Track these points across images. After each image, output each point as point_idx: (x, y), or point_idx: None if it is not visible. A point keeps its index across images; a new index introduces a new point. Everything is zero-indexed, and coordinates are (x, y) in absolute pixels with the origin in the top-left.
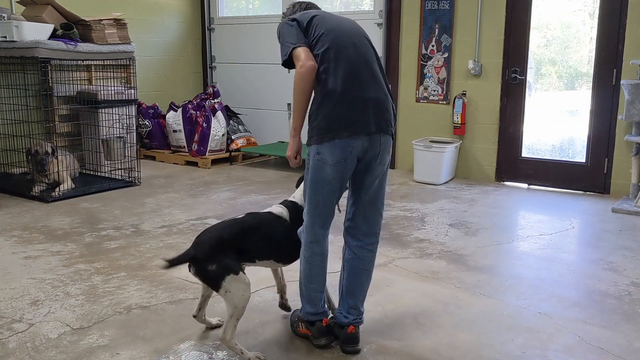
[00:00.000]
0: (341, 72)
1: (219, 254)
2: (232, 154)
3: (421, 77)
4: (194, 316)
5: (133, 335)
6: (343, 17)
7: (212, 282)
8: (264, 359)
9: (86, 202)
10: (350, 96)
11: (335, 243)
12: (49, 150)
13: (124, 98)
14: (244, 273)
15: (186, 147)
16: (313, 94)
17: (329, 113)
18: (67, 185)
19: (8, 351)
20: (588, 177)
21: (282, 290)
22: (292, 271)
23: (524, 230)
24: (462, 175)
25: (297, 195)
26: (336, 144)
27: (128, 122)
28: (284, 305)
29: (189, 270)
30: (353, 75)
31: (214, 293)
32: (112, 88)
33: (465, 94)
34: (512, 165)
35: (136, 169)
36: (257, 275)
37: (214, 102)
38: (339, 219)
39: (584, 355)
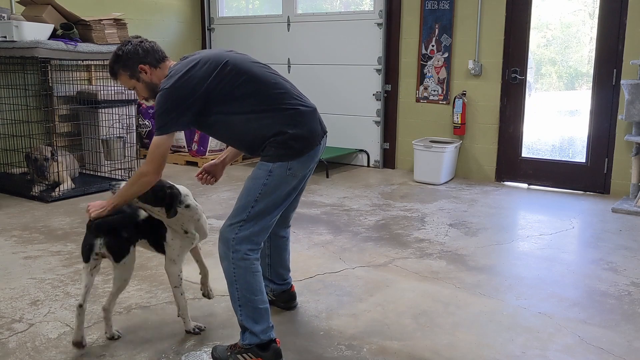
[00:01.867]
0: (285, 93)
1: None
2: None
3: (421, 77)
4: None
5: (133, 335)
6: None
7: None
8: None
9: (86, 202)
10: (312, 108)
11: (335, 243)
12: (49, 155)
13: (124, 98)
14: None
15: (186, 147)
16: (267, 116)
17: (300, 131)
18: (67, 185)
19: (8, 351)
20: (588, 177)
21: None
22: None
23: (524, 230)
24: (462, 175)
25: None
26: (310, 155)
27: (128, 122)
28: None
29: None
30: (294, 90)
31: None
32: (112, 88)
33: (465, 94)
34: (512, 165)
35: (136, 169)
36: None
37: None
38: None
39: (584, 355)
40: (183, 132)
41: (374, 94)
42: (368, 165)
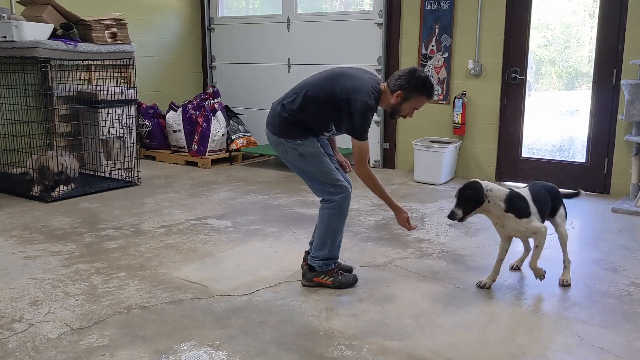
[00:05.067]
0: None
1: None
2: (232, 154)
3: None
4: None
5: (133, 335)
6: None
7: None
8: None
9: (86, 202)
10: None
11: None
12: (66, 163)
13: (124, 98)
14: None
15: (186, 147)
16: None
17: None
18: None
19: (8, 351)
20: (588, 177)
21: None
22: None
23: None
24: (462, 175)
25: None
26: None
27: (128, 122)
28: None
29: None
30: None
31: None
32: (112, 88)
33: (465, 94)
34: (512, 165)
35: (136, 169)
36: (257, 275)
37: (214, 102)
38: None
39: (584, 355)
40: (183, 132)
41: None
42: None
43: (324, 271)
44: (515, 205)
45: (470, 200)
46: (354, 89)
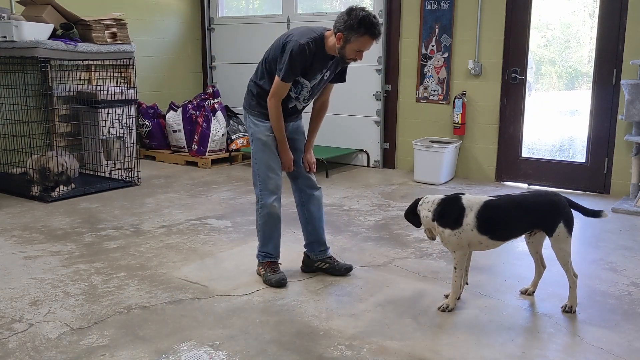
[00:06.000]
0: None
1: None
2: (232, 154)
3: (421, 77)
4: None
5: (133, 335)
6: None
7: None
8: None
9: (86, 202)
10: None
11: (335, 243)
12: (66, 164)
13: (124, 98)
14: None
15: (186, 147)
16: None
17: None
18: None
19: (8, 351)
20: (588, 177)
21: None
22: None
23: None
24: (462, 175)
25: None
26: None
27: (128, 122)
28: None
29: None
30: None
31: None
32: (112, 88)
33: (465, 94)
34: (512, 165)
35: (136, 169)
36: (256, 275)
37: (214, 102)
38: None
39: (584, 355)
40: (183, 132)
41: (374, 94)
42: (368, 165)
43: (261, 262)
44: (441, 211)
45: (413, 220)
46: (292, 34)
